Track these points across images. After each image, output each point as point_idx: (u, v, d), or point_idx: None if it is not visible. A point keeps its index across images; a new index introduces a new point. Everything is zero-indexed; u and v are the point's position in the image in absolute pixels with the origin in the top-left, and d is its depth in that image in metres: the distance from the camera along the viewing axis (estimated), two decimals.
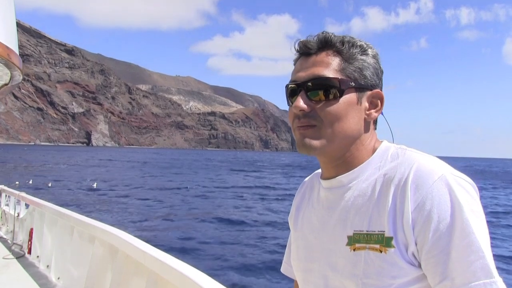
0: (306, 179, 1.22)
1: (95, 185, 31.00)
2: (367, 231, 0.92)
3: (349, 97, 0.95)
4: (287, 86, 1.01)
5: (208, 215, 18.66)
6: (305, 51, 0.99)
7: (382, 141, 1.04)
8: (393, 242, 0.87)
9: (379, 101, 1.00)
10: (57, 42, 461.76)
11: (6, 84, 3.35)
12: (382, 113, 1.02)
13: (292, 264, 1.15)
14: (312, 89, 0.95)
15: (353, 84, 0.96)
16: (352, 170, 0.99)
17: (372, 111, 0.99)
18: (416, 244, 0.86)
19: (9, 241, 5.93)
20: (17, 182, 25.84)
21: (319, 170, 1.12)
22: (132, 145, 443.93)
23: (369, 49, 0.99)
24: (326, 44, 0.97)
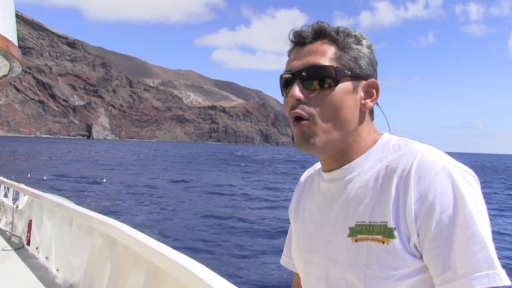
0: (306, 171, 1.22)
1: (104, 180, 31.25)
2: (370, 222, 0.91)
3: (344, 85, 0.95)
4: (281, 76, 1.01)
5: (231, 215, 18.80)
6: (299, 41, 0.99)
7: (383, 133, 1.03)
8: (395, 233, 0.87)
9: (374, 91, 0.99)
10: (58, 35, 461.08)
11: (5, 76, 3.33)
12: (377, 103, 1.02)
13: (293, 257, 1.16)
14: (307, 78, 0.95)
15: (348, 72, 0.95)
16: (353, 161, 0.99)
17: (368, 100, 0.99)
18: (418, 235, 0.86)
19: (8, 232, 5.85)
20: (29, 175, 25.98)
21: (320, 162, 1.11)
22: (133, 138, 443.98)
23: (363, 40, 1.00)
24: (321, 33, 0.97)
